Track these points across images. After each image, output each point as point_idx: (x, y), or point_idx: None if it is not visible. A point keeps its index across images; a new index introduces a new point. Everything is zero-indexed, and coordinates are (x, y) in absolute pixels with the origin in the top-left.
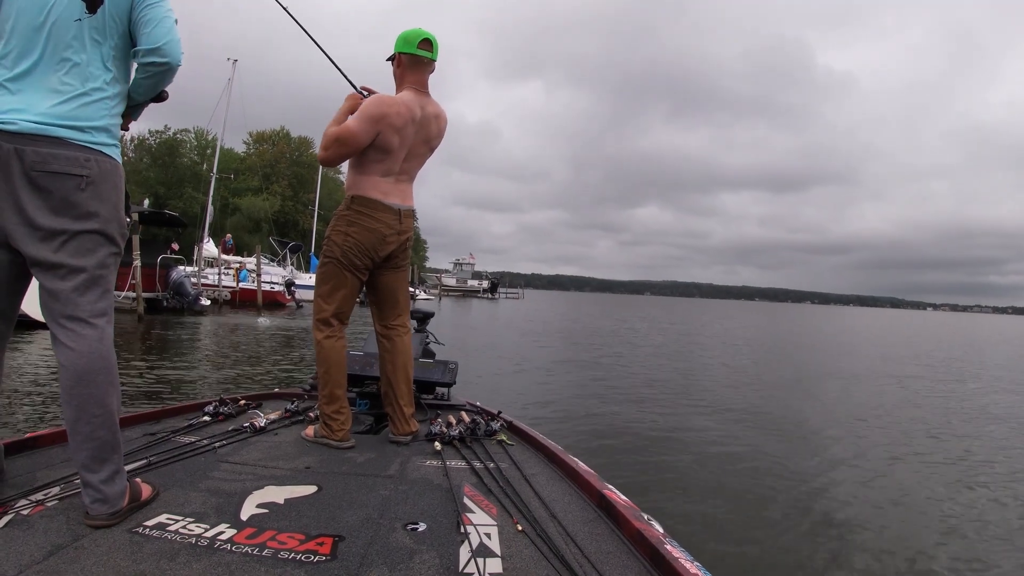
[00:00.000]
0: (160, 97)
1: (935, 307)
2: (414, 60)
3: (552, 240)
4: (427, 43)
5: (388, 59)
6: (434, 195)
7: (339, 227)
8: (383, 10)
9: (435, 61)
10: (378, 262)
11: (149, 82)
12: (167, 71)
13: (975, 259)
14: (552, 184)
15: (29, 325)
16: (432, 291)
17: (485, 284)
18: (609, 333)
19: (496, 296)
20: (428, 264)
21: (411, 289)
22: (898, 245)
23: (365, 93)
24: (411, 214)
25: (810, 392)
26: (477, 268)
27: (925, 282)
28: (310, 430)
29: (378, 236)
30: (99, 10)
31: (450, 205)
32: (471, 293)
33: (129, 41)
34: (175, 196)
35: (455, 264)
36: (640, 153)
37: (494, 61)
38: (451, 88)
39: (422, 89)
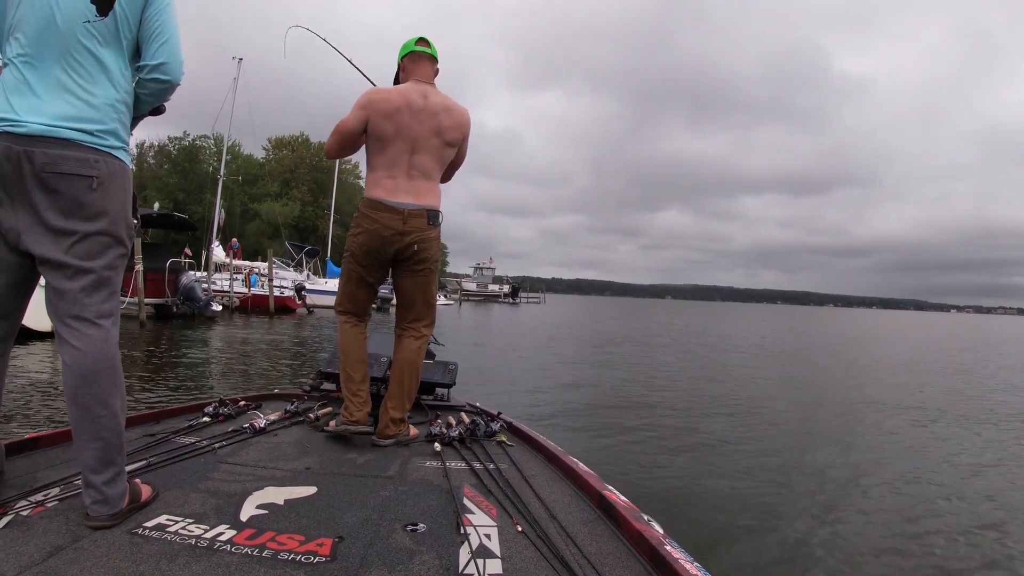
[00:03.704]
0: (157, 111)
1: (959, 309)
2: (413, 57)
3: (573, 244)
4: (423, 41)
5: (395, 77)
6: (456, 201)
7: (352, 228)
8: (408, 24)
9: (436, 60)
10: (387, 263)
11: (148, 97)
12: (167, 89)
13: (998, 260)
14: (573, 189)
15: (27, 334)
16: (452, 296)
17: (506, 288)
18: (624, 340)
19: (517, 300)
20: (449, 269)
21: None
22: (920, 247)
23: None
24: (421, 214)
25: (818, 394)
26: (498, 272)
27: (948, 284)
28: (333, 423)
29: (378, 238)
30: (110, 13)
31: (472, 211)
32: (492, 298)
33: (138, 46)
34: (194, 202)
35: (475, 268)
36: (660, 158)
37: (516, 70)
38: (474, 97)
39: (425, 80)
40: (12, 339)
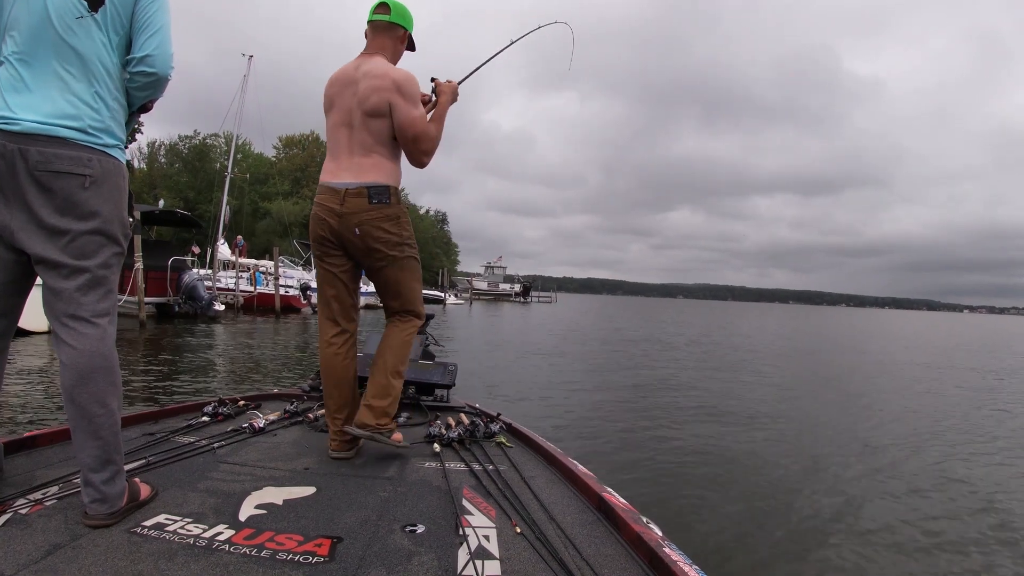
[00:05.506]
0: (144, 108)
1: (971, 309)
2: (370, 27)
3: (584, 244)
4: (383, 6)
5: None
6: (467, 200)
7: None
8: (423, 26)
9: (399, 26)
10: (342, 250)
11: (137, 91)
12: (155, 82)
13: (1010, 260)
14: (585, 189)
15: (24, 334)
16: (463, 295)
17: (517, 288)
18: (635, 341)
19: (528, 300)
20: (460, 268)
21: (440, 293)
22: (932, 247)
23: (433, 84)
24: (361, 192)
25: (825, 400)
26: (509, 271)
27: (960, 284)
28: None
29: (317, 221)
30: (101, 9)
31: (483, 210)
32: (503, 297)
33: (130, 41)
34: (205, 200)
35: (486, 267)
36: (672, 158)
37: (529, 72)
38: (487, 99)
39: (372, 51)
40: (10, 337)
